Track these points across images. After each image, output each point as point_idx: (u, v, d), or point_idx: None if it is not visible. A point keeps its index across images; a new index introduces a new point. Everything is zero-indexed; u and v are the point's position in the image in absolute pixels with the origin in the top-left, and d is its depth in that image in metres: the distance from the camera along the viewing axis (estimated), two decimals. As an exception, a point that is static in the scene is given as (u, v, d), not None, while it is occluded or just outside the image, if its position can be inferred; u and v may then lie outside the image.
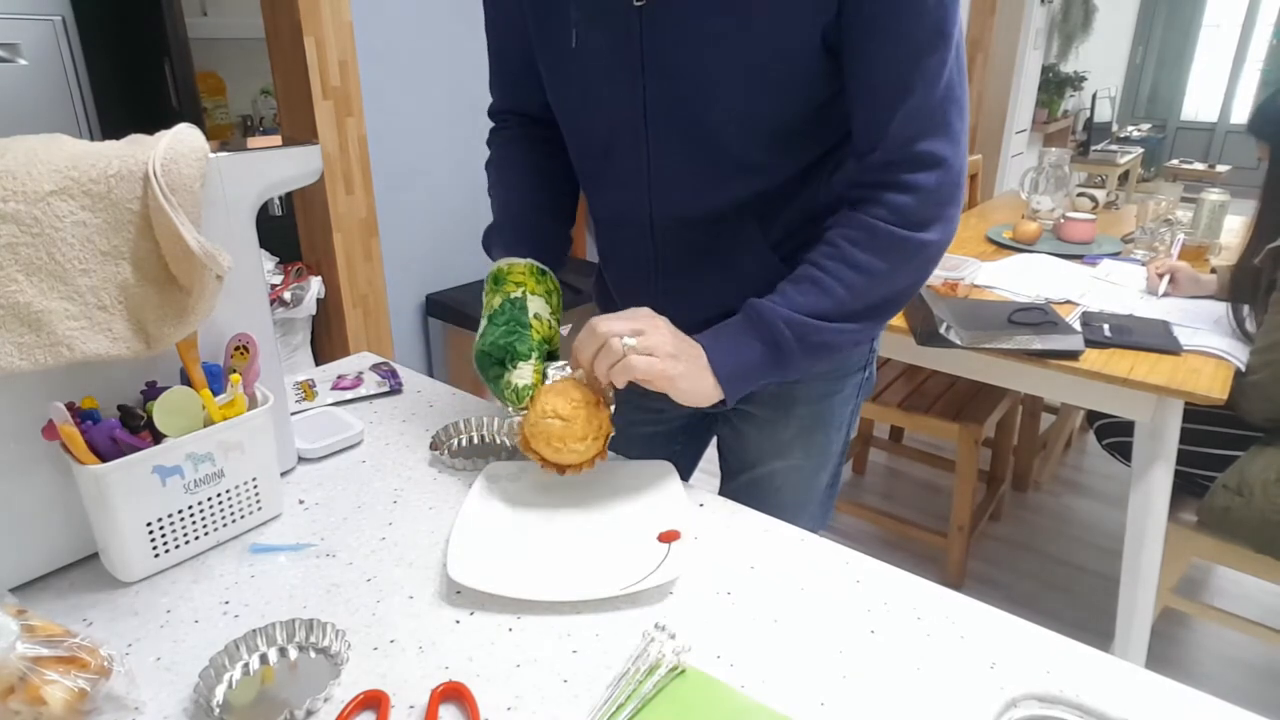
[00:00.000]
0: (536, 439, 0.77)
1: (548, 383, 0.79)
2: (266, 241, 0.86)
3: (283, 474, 0.85)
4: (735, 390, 0.77)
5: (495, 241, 0.93)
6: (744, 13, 0.71)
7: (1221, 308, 1.70)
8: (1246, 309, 1.60)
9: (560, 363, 0.84)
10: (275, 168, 0.77)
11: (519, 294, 0.83)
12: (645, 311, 0.77)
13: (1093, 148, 5.25)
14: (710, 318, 0.89)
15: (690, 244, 0.86)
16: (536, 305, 0.84)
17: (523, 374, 0.80)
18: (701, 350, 0.77)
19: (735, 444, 1.01)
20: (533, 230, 0.92)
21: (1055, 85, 5.38)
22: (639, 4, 0.74)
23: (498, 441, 0.94)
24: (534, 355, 0.81)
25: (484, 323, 0.84)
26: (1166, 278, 1.85)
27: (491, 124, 1.01)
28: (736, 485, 1.02)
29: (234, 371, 0.74)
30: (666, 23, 0.74)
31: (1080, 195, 2.62)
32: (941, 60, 0.71)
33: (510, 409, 0.80)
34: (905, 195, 0.75)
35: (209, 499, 0.72)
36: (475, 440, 0.95)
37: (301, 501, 0.82)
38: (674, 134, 0.80)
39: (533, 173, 0.96)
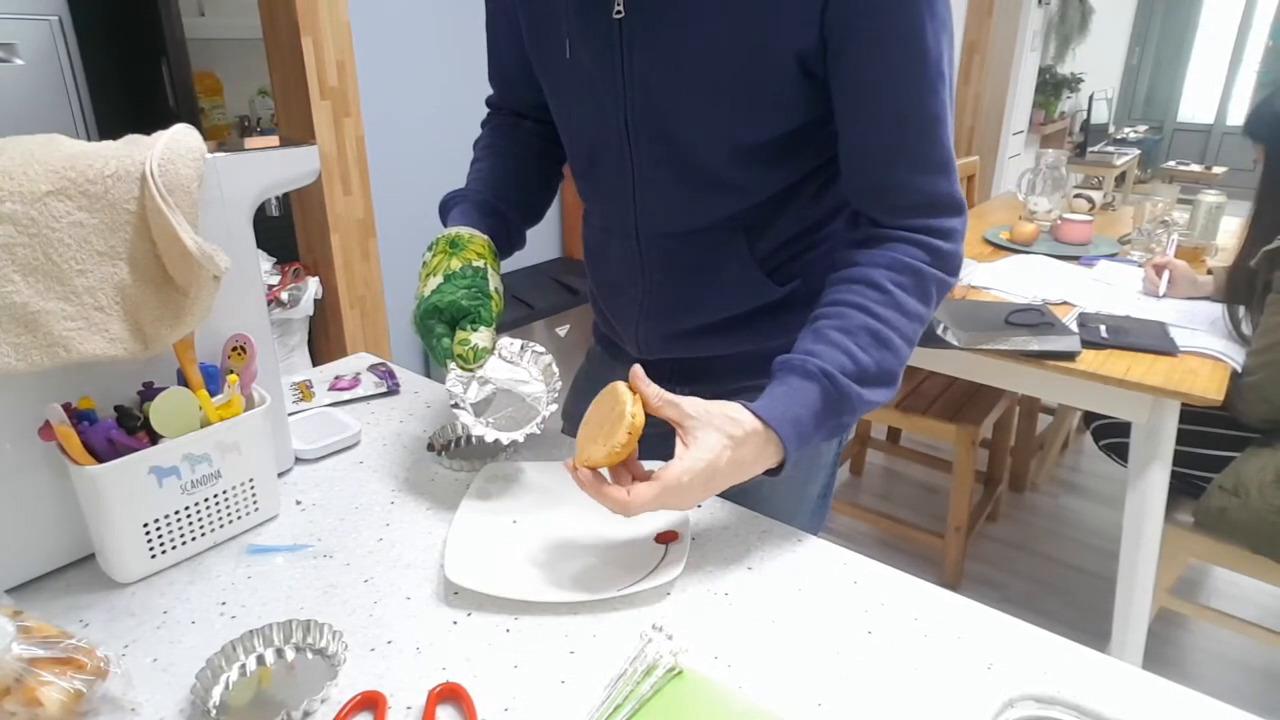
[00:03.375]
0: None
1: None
2: (264, 242, 0.86)
3: (280, 475, 0.85)
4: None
5: (456, 208, 0.91)
6: (718, 30, 0.71)
7: (1218, 309, 1.71)
8: (1242, 310, 1.60)
9: (517, 342, 0.86)
10: (273, 168, 0.77)
11: (481, 264, 0.82)
12: (682, 492, 0.66)
13: (1089, 149, 5.25)
14: (692, 329, 0.90)
15: (675, 256, 0.87)
16: (495, 282, 0.84)
17: (483, 336, 0.79)
18: (760, 468, 0.70)
19: None
20: (497, 215, 0.91)
21: (1052, 87, 5.39)
22: (618, 17, 0.74)
23: (495, 442, 0.94)
24: (493, 325, 0.81)
25: (436, 280, 0.81)
26: (1166, 274, 1.85)
27: (488, 109, 1.03)
28: (727, 495, 1.02)
29: (231, 372, 0.74)
30: (645, 37, 0.74)
31: (1077, 196, 2.63)
32: (942, 101, 0.73)
33: (457, 367, 0.79)
34: (944, 241, 0.76)
35: (206, 500, 0.72)
36: (473, 441, 0.95)
37: (299, 502, 0.82)
38: (654, 148, 0.80)
39: (513, 163, 0.97)
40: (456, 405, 0.80)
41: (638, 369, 0.70)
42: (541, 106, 0.91)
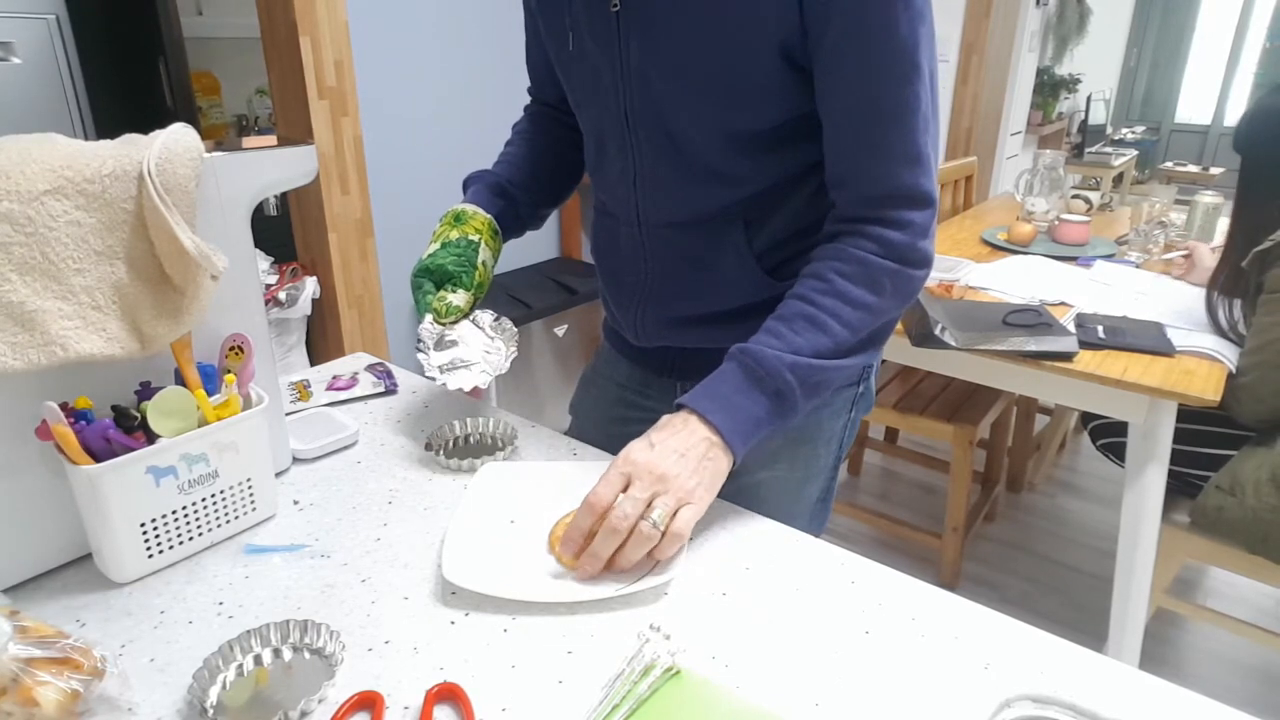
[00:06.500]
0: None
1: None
2: (261, 241, 0.86)
3: (277, 475, 0.85)
4: (743, 451, 0.75)
5: (472, 187, 1.00)
6: (710, 21, 0.73)
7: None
8: (1221, 312, 1.61)
9: (491, 313, 0.95)
10: (270, 168, 0.77)
11: (476, 239, 0.92)
12: (633, 459, 0.71)
13: (1087, 150, 5.26)
14: (692, 316, 0.91)
15: (675, 245, 0.88)
16: (485, 255, 0.93)
17: (459, 298, 0.90)
18: (709, 446, 0.72)
19: None
20: (507, 197, 0.99)
21: (1050, 88, 5.39)
22: (615, 9, 0.77)
23: (493, 442, 0.94)
24: (472, 290, 0.92)
25: (434, 245, 0.92)
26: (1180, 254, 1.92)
27: (530, 98, 1.10)
28: (724, 493, 1.01)
29: (229, 372, 0.74)
30: (640, 29, 0.76)
31: (1075, 197, 2.63)
32: (916, 94, 0.72)
33: (433, 320, 0.90)
34: (897, 231, 0.76)
35: (203, 499, 0.72)
36: (470, 441, 0.95)
37: (296, 502, 0.82)
38: (653, 138, 0.82)
39: (536, 151, 1.04)
40: (421, 350, 0.89)
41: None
42: (565, 100, 0.95)
